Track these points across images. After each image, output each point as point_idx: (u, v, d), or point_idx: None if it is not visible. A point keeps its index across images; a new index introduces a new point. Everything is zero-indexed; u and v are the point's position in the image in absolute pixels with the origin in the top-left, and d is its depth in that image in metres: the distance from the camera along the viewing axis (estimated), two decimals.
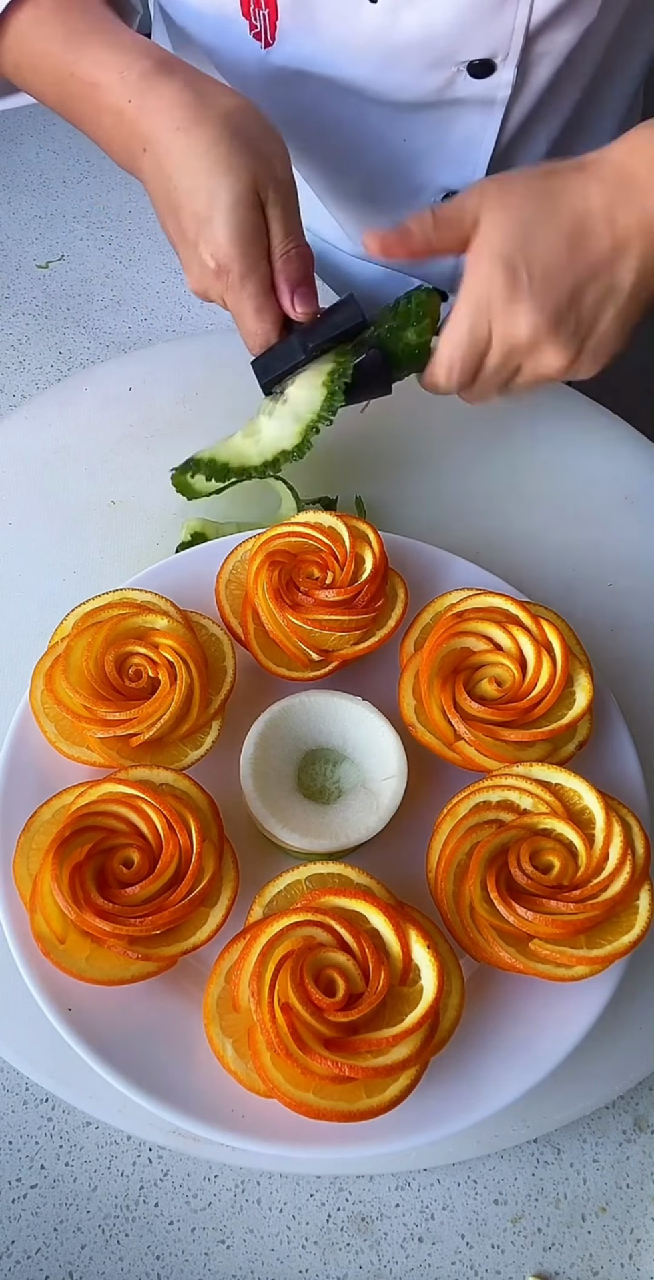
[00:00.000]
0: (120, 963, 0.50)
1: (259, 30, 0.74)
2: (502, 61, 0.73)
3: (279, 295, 0.64)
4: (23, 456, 0.77)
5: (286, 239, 0.64)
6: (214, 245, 0.62)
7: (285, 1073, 0.47)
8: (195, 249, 0.64)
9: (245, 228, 0.62)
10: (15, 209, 0.98)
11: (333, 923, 0.49)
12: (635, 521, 0.76)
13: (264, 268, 0.64)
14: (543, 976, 0.51)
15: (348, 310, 0.65)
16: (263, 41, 0.75)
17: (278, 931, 0.49)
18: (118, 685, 0.57)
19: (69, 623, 0.60)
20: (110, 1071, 0.50)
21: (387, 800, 0.56)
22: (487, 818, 0.55)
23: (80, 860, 0.51)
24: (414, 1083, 0.48)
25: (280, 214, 0.63)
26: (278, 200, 0.63)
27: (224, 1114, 0.49)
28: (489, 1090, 0.51)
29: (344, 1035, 0.47)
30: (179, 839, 0.52)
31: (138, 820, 0.53)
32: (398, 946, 0.50)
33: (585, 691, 0.59)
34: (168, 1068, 0.50)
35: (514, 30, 0.71)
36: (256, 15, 0.73)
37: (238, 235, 0.62)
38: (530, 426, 0.80)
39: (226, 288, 0.64)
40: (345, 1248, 0.53)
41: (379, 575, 0.61)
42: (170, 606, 0.61)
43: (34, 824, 0.54)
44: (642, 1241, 0.54)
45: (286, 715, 0.59)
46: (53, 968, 0.50)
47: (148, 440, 0.77)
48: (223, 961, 0.50)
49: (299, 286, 0.64)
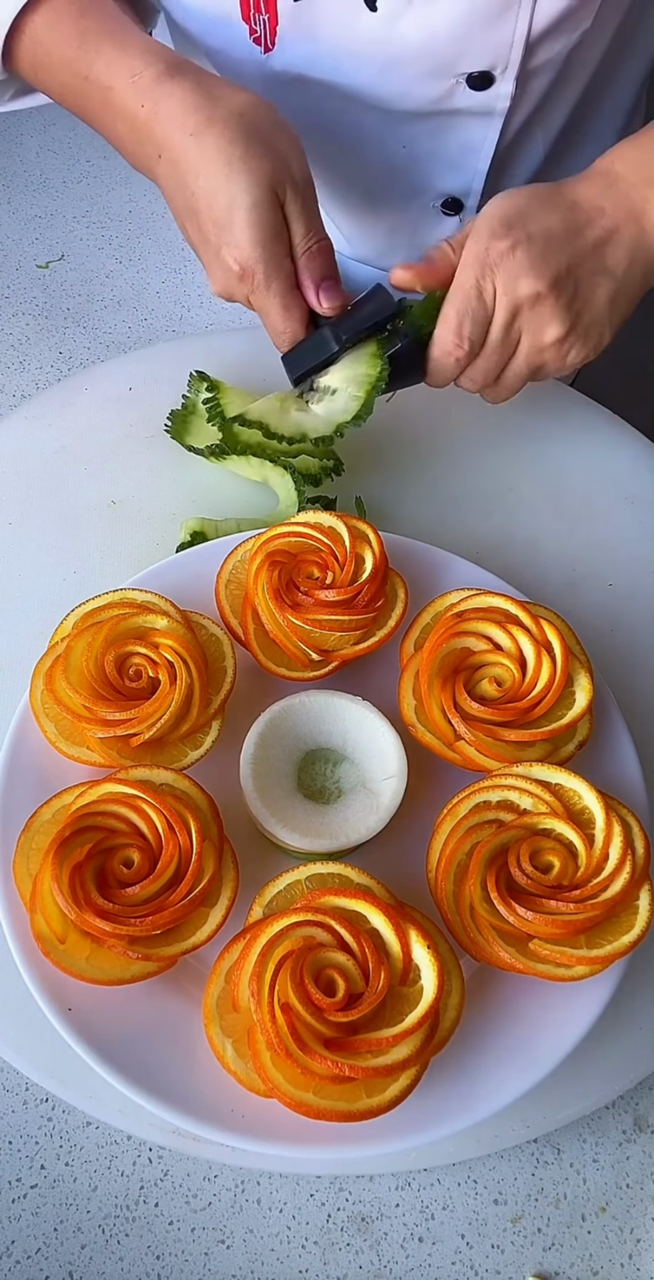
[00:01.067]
0: (120, 963, 0.50)
1: (259, 35, 0.74)
2: (501, 74, 0.73)
3: (304, 291, 0.65)
4: (23, 456, 0.77)
5: (308, 235, 0.65)
6: (237, 249, 0.63)
7: (285, 1073, 0.47)
8: (218, 254, 0.64)
9: (267, 228, 0.63)
10: (15, 209, 0.98)
11: (333, 923, 0.49)
12: (635, 521, 0.76)
13: (288, 266, 0.64)
14: (543, 976, 0.51)
15: (379, 299, 0.66)
16: (263, 46, 0.75)
17: (278, 931, 0.49)
18: (118, 685, 0.57)
19: (69, 623, 0.60)
20: (110, 1071, 0.50)
21: (387, 800, 0.56)
22: (487, 818, 0.55)
23: (80, 860, 0.51)
24: (414, 1083, 0.48)
25: (300, 210, 0.64)
26: (296, 197, 0.64)
27: (224, 1114, 0.49)
28: (489, 1090, 0.51)
29: (344, 1035, 0.47)
30: (179, 839, 0.52)
31: (138, 820, 0.53)
32: (398, 946, 0.50)
33: (585, 691, 0.59)
34: (168, 1068, 0.50)
35: (514, 43, 0.71)
36: (257, 20, 0.73)
37: (260, 237, 0.63)
38: (530, 426, 0.80)
39: (252, 289, 0.65)
40: (345, 1248, 0.53)
41: (379, 575, 0.61)
42: (170, 606, 0.61)
43: (34, 824, 0.54)
44: (642, 1241, 0.54)
45: (286, 715, 0.59)
46: (53, 968, 0.50)
47: (148, 440, 0.77)
48: (223, 961, 0.50)
49: (324, 281, 0.65)
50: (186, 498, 0.74)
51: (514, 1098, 0.50)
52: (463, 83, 0.74)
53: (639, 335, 0.65)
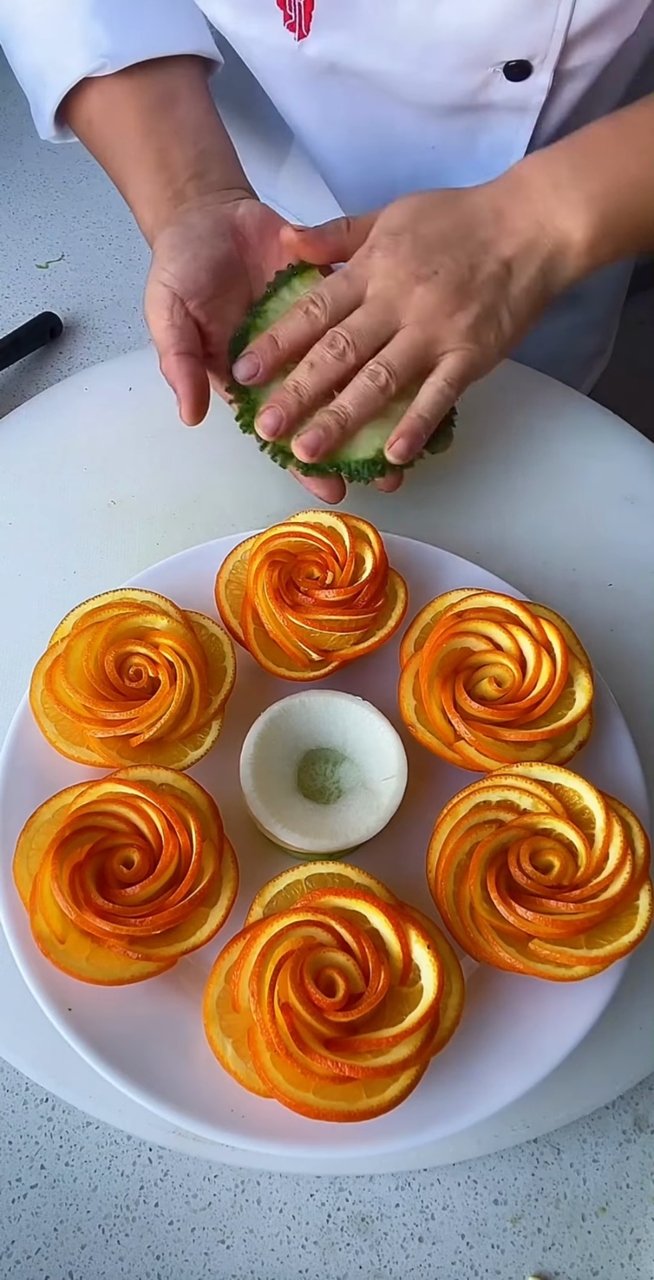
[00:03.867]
0: (120, 963, 0.50)
1: (294, 21, 0.74)
2: (539, 64, 0.72)
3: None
4: (23, 456, 0.77)
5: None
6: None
7: (285, 1073, 0.47)
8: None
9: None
10: (15, 209, 0.98)
11: (333, 923, 0.49)
12: (635, 521, 0.76)
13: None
14: (543, 976, 0.51)
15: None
16: (297, 32, 0.74)
17: (278, 931, 0.49)
18: (118, 685, 0.57)
19: (69, 623, 0.60)
20: (110, 1071, 0.50)
21: (387, 800, 0.56)
22: (487, 818, 0.55)
23: (80, 860, 0.51)
24: (414, 1083, 0.48)
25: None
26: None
27: (224, 1114, 0.49)
28: (489, 1090, 0.51)
29: (344, 1035, 0.47)
30: (179, 839, 0.52)
31: (138, 820, 0.53)
32: (398, 946, 0.49)
33: (585, 691, 0.59)
34: (168, 1067, 0.50)
35: (554, 32, 0.70)
36: (292, 5, 0.73)
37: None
38: (531, 427, 0.80)
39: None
40: (345, 1248, 0.53)
41: (379, 575, 0.61)
42: (170, 606, 0.61)
43: (34, 824, 0.54)
44: (642, 1241, 0.54)
45: (286, 715, 0.59)
46: (53, 968, 0.50)
47: (148, 440, 0.77)
48: (223, 961, 0.50)
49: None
50: (187, 498, 0.74)
51: (514, 1097, 0.50)
52: (500, 72, 0.73)
53: (638, 335, 0.65)
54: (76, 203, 0.99)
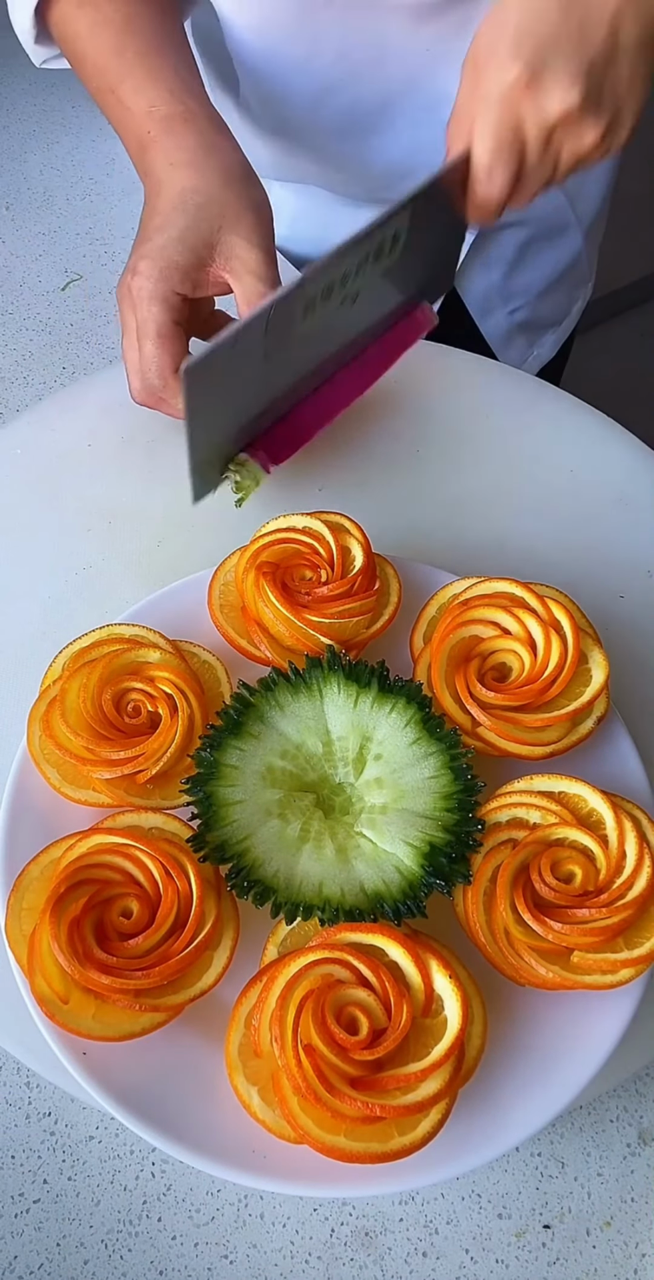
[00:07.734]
0: (128, 1016, 0.48)
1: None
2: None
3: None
4: (25, 462, 0.78)
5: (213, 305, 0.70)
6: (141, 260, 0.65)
7: (315, 1117, 0.45)
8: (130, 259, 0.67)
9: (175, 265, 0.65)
10: (19, 226, 0.99)
11: (351, 958, 0.48)
12: (630, 523, 0.76)
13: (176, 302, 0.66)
14: (590, 988, 0.49)
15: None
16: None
17: (296, 971, 0.48)
18: (117, 723, 0.56)
19: (58, 664, 0.59)
20: (130, 1116, 0.48)
21: None
22: (500, 839, 0.54)
23: (77, 915, 0.49)
24: (445, 1116, 0.46)
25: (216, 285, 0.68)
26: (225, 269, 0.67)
27: (246, 1155, 0.47)
28: (519, 1114, 0.49)
29: (370, 1073, 0.46)
30: (177, 885, 0.50)
31: (132, 869, 0.51)
32: (418, 978, 0.48)
33: (602, 667, 0.58)
34: (187, 1110, 0.49)
35: None
36: None
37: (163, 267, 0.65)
38: (523, 429, 0.80)
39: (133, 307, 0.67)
40: (349, 1263, 0.53)
41: (369, 559, 0.62)
42: (159, 638, 0.60)
43: (22, 883, 0.51)
44: (647, 1256, 0.54)
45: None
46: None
47: (149, 446, 0.78)
48: (241, 1006, 0.49)
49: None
50: (187, 504, 0.75)
51: (549, 1119, 0.49)
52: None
53: (635, 336, 0.65)
54: (81, 220, 1.00)
